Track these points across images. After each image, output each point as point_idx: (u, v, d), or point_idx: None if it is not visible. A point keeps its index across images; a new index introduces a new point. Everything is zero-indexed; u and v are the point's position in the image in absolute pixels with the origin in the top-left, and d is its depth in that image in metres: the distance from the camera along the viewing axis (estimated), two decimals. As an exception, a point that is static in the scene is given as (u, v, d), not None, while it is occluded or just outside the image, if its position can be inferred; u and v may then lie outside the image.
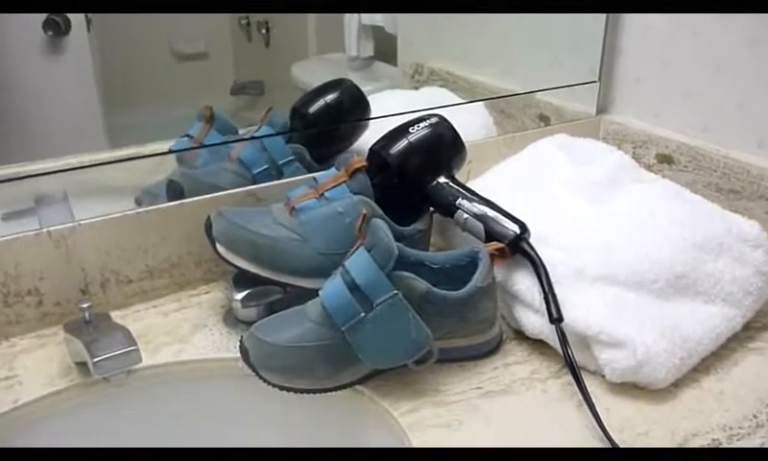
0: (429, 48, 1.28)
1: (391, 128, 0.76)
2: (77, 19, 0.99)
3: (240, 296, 0.69)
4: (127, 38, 1.10)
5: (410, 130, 0.73)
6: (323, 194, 0.71)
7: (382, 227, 0.60)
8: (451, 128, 0.74)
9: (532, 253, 0.67)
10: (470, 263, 0.66)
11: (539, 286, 0.65)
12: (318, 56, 1.50)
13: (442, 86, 1.30)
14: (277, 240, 0.68)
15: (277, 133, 0.84)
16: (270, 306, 0.71)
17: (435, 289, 0.61)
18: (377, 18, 1.34)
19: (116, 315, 0.73)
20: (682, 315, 0.65)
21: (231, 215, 0.70)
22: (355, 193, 0.70)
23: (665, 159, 0.96)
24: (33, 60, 0.87)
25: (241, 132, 0.91)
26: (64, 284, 0.71)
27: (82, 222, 0.71)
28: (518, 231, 0.68)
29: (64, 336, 0.66)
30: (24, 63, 0.84)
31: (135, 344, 0.59)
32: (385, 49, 1.38)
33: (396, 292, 0.59)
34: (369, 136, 0.89)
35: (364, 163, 0.70)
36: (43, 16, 0.94)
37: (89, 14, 1.09)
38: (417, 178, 0.72)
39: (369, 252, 0.60)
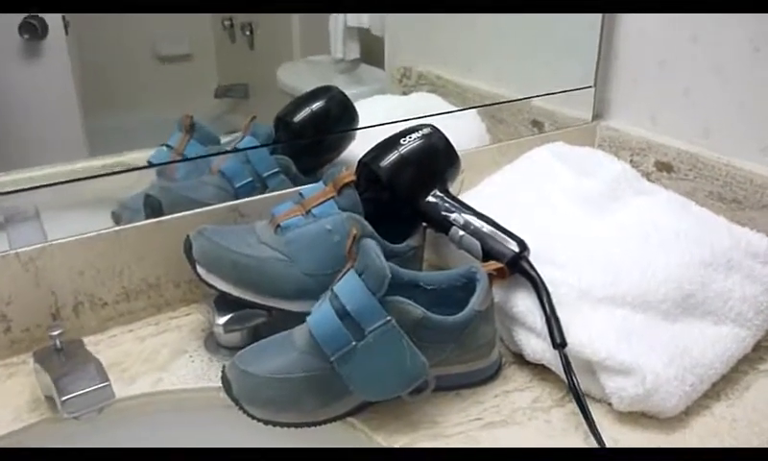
0: (417, 51, 1.25)
1: (381, 138, 0.72)
2: (54, 22, 0.96)
3: (222, 320, 0.65)
4: (108, 40, 1.07)
5: (401, 141, 0.69)
6: (309, 211, 0.67)
7: (373, 248, 0.56)
8: (444, 138, 0.71)
9: (532, 272, 0.63)
10: (467, 284, 0.62)
11: (540, 308, 0.62)
12: (303, 58, 1.46)
13: (431, 91, 1.26)
14: (262, 261, 0.64)
15: (262, 145, 0.80)
16: (254, 330, 0.67)
17: (431, 315, 0.57)
18: (363, 20, 1.30)
19: (91, 340, 0.69)
20: (691, 337, 0.61)
21: (212, 234, 0.66)
22: (344, 210, 0.66)
23: (664, 167, 0.92)
24: (8, 65, 0.84)
25: (223, 140, 0.87)
26: (34, 309, 0.67)
27: (52, 242, 0.66)
28: (517, 250, 0.64)
29: (34, 366, 0.61)
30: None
31: (107, 379, 0.54)
32: (371, 51, 1.34)
33: (389, 319, 0.55)
34: (357, 146, 0.85)
35: (353, 178, 0.66)
36: (19, 19, 0.92)
37: (67, 17, 1.05)
38: (409, 192, 0.68)
39: (359, 275, 0.56)
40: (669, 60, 0.91)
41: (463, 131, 0.96)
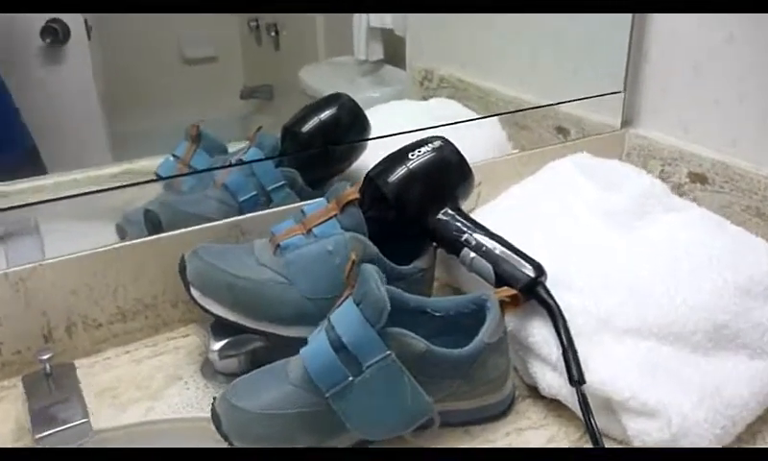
0: (439, 53, 1.20)
1: (394, 148, 0.68)
2: (76, 26, 0.94)
3: (217, 346, 0.61)
4: (133, 43, 1.06)
5: (409, 155, 0.65)
6: (310, 230, 0.63)
7: (373, 275, 0.52)
8: (456, 152, 0.66)
9: (549, 300, 0.58)
10: (478, 311, 0.57)
11: (556, 339, 0.57)
12: (327, 59, 1.43)
13: (452, 94, 1.22)
14: (259, 283, 0.60)
15: (267, 158, 0.76)
16: (252, 356, 0.63)
17: (436, 348, 0.52)
18: (387, 20, 1.27)
19: (84, 363, 0.66)
20: (724, 373, 0.56)
21: (208, 254, 0.62)
22: (347, 229, 0.62)
23: (698, 179, 0.86)
24: (30, 70, 0.83)
25: (231, 149, 0.84)
26: (25, 331, 0.64)
27: (43, 262, 0.63)
28: (533, 275, 0.59)
29: (23, 392, 0.59)
30: (21, 73, 0.80)
31: (87, 415, 0.51)
32: (395, 53, 1.30)
33: (388, 352, 0.50)
34: (369, 156, 0.81)
35: (356, 196, 0.62)
36: (41, 23, 0.89)
37: (90, 21, 1.03)
38: (417, 210, 0.64)
39: (357, 304, 0.51)
40: (703, 63, 0.85)
41: (481, 139, 0.91)
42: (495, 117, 0.96)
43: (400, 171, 0.64)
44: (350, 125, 0.82)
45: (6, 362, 0.64)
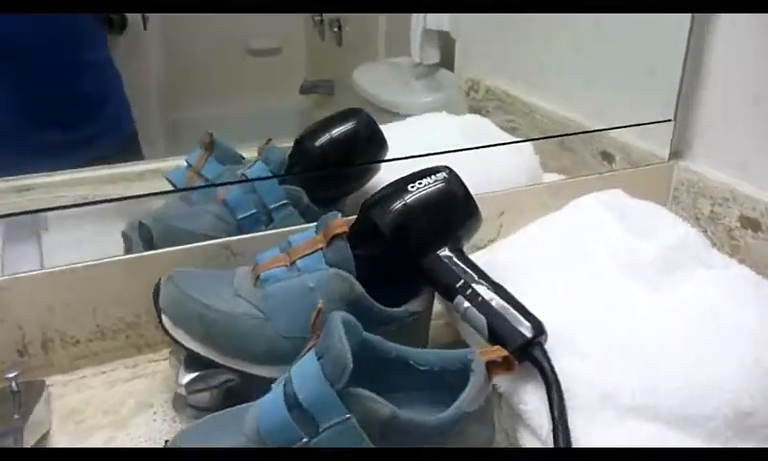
0: (488, 63, 1.14)
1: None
2: (133, 16, 0.95)
3: (186, 380, 0.57)
4: (199, 33, 1.06)
5: (409, 187, 0.59)
6: (294, 262, 0.58)
7: (338, 327, 0.46)
8: (462, 186, 0.60)
9: (545, 364, 0.51)
10: (464, 370, 0.51)
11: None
12: (386, 59, 1.38)
13: (498, 107, 1.16)
14: (232, 317, 0.56)
15: (269, 176, 0.72)
16: (226, 391, 0.59)
17: (404, 415, 0.46)
18: (444, 23, 1.21)
19: (59, 380, 0.64)
20: (743, 470, 0.48)
21: (184, 281, 0.58)
22: (331, 265, 0.57)
23: (750, 224, 0.77)
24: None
25: (247, 158, 0.80)
26: (-1, 343, 0.62)
27: (18, 274, 0.61)
28: (529, 335, 0.52)
29: (-15, 407, 0.56)
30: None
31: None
32: (452, 57, 1.25)
33: (348, 416, 0.45)
34: (385, 175, 0.76)
35: (345, 229, 0.57)
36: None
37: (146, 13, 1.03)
38: (413, 248, 0.58)
39: (319, 359, 0.46)
40: (764, 94, 0.75)
41: (510, 164, 0.85)
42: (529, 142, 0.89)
43: (397, 204, 0.58)
44: (366, 144, 0.77)
45: (-22, 374, 0.62)
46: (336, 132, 0.75)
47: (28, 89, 0.89)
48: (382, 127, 0.97)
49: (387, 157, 0.77)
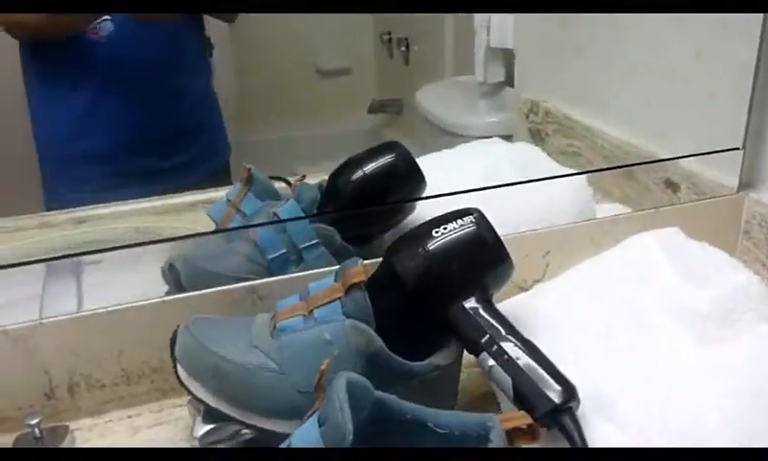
0: (548, 85, 1.10)
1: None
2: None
3: (201, 432, 0.55)
4: (267, 56, 1.07)
5: (434, 232, 0.55)
6: (312, 311, 0.55)
7: (339, 394, 0.43)
8: (491, 231, 0.55)
9: (574, 435, 0.46)
10: (484, 437, 0.47)
11: (578, 487, 0.45)
12: (452, 78, 1.36)
13: (557, 130, 1.12)
14: (246, 369, 0.54)
15: (302, 217, 0.70)
16: (243, 442, 0.57)
17: (411, 488, 0.43)
18: (507, 40, 1.18)
19: (85, 424, 0.63)
20: None
21: (200, 329, 0.56)
22: (349, 316, 0.53)
23: (830, 266, 0.69)
24: None
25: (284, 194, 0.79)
26: (26, 387, 0.62)
27: (43, 320, 0.61)
28: (558, 401, 0.47)
29: (9, 454, 0.56)
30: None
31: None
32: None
33: (348, 489, 0.42)
34: (424, 211, 0.72)
35: (362, 278, 0.54)
36: None
37: (213, 39, 1.05)
38: (437, 298, 0.54)
39: (320, 426, 0.43)
40: None
41: (559, 196, 0.79)
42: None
43: (420, 251, 0.55)
44: (402, 180, 0.73)
45: (6, 417, 0.62)
46: (371, 167, 0.72)
47: (132, 115, 0.92)
48: (432, 155, 0.94)
49: (424, 195, 0.74)
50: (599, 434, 0.47)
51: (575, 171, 0.84)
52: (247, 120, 1.01)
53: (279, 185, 0.79)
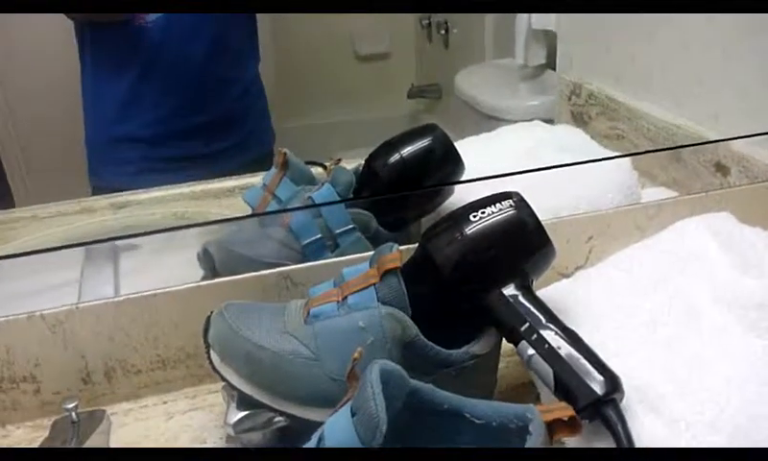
0: (591, 65, 1.07)
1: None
2: None
3: (234, 419, 0.55)
4: (307, 39, 1.07)
5: (471, 217, 0.53)
6: (345, 298, 0.54)
7: (372, 382, 0.42)
8: (531, 216, 0.53)
9: (618, 428, 0.44)
10: (523, 429, 0.45)
11: (623, 483, 0.43)
12: (492, 61, 1.34)
13: (600, 113, 1.09)
14: (278, 356, 0.53)
15: (337, 201, 0.68)
16: (279, 431, 0.56)
17: (445, 481, 0.41)
18: (549, 22, 1.15)
19: (122, 408, 0.63)
20: None
21: (234, 315, 0.56)
22: (384, 302, 0.52)
23: None
24: None
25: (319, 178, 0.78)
26: (64, 372, 0.62)
27: (80, 305, 0.61)
28: (600, 392, 0.45)
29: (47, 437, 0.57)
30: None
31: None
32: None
33: (382, 480, 0.41)
34: (461, 197, 0.71)
35: (397, 264, 0.52)
36: None
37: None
38: (474, 285, 0.53)
39: (353, 416, 0.42)
40: None
41: (602, 182, 0.76)
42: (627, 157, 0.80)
43: (457, 236, 0.53)
44: (440, 164, 0.71)
45: (46, 401, 0.63)
46: (408, 150, 0.70)
47: (176, 100, 0.92)
48: (471, 138, 0.92)
49: (465, 177, 0.72)
50: (644, 428, 0.45)
51: (619, 153, 0.81)
52: (286, 105, 1.00)
53: (316, 170, 0.78)
